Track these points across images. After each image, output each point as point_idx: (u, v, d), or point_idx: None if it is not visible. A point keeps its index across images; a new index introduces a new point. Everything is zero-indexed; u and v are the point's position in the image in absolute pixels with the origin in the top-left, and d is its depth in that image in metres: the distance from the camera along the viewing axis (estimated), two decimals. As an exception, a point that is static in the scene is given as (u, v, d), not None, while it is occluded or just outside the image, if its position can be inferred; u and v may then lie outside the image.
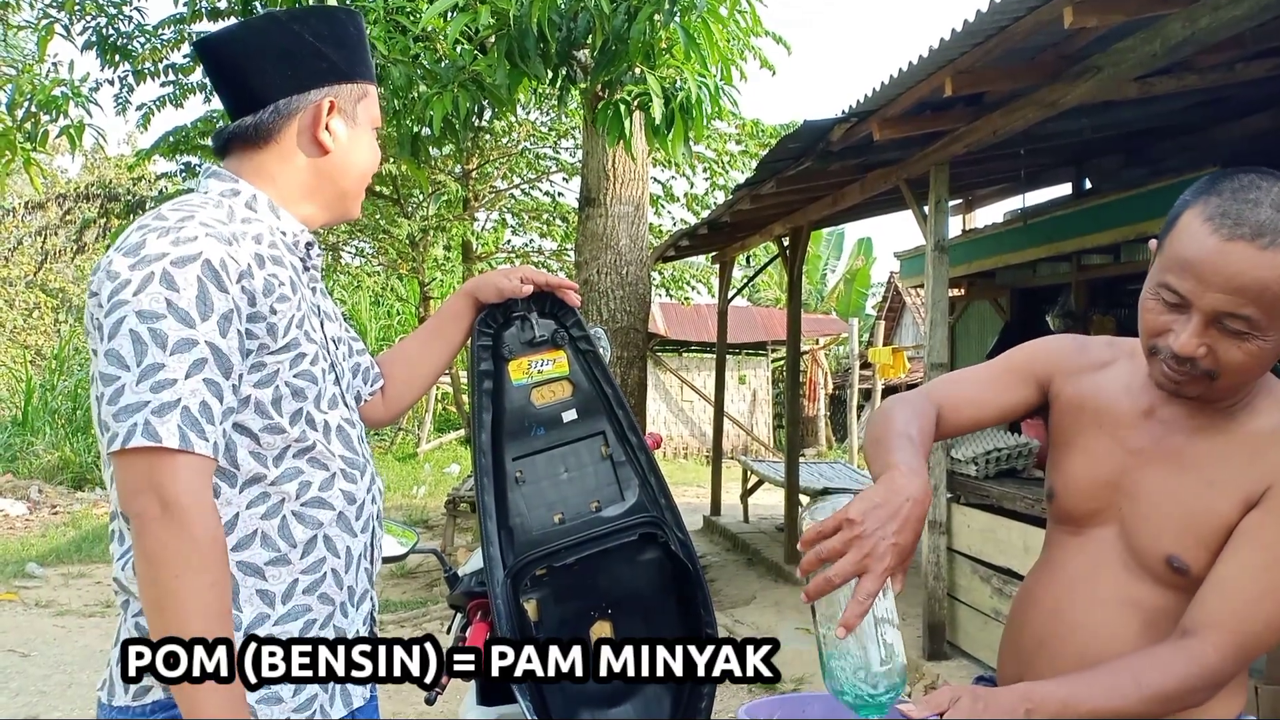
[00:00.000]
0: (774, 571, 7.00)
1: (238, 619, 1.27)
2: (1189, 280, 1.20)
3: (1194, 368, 1.23)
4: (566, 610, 1.64)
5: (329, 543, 1.35)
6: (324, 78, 1.39)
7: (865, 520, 1.12)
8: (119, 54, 6.70)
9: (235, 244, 1.25)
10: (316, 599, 1.34)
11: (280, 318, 1.29)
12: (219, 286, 1.21)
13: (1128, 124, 5.30)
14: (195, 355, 1.18)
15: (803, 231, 7.50)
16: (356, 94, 1.43)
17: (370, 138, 1.46)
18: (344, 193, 1.45)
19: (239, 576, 1.27)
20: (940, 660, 4.65)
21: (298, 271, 1.37)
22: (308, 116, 1.38)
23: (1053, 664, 1.34)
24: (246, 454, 1.28)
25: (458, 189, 10.15)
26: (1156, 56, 3.35)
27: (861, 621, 1.10)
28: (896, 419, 1.35)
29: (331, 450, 1.36)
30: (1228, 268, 1.17)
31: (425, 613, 6.17)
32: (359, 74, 1.43)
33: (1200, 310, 1.20)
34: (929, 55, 3.74)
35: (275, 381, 1.29)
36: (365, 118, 1.44)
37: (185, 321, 1.18)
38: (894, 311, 19.62)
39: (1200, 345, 1.21)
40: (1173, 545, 1.29)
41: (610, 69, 4.18)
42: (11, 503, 10.08)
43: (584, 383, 1.72)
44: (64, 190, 15.42)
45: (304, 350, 1.33)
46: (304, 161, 1.40)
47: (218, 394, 1.20)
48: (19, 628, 5.81)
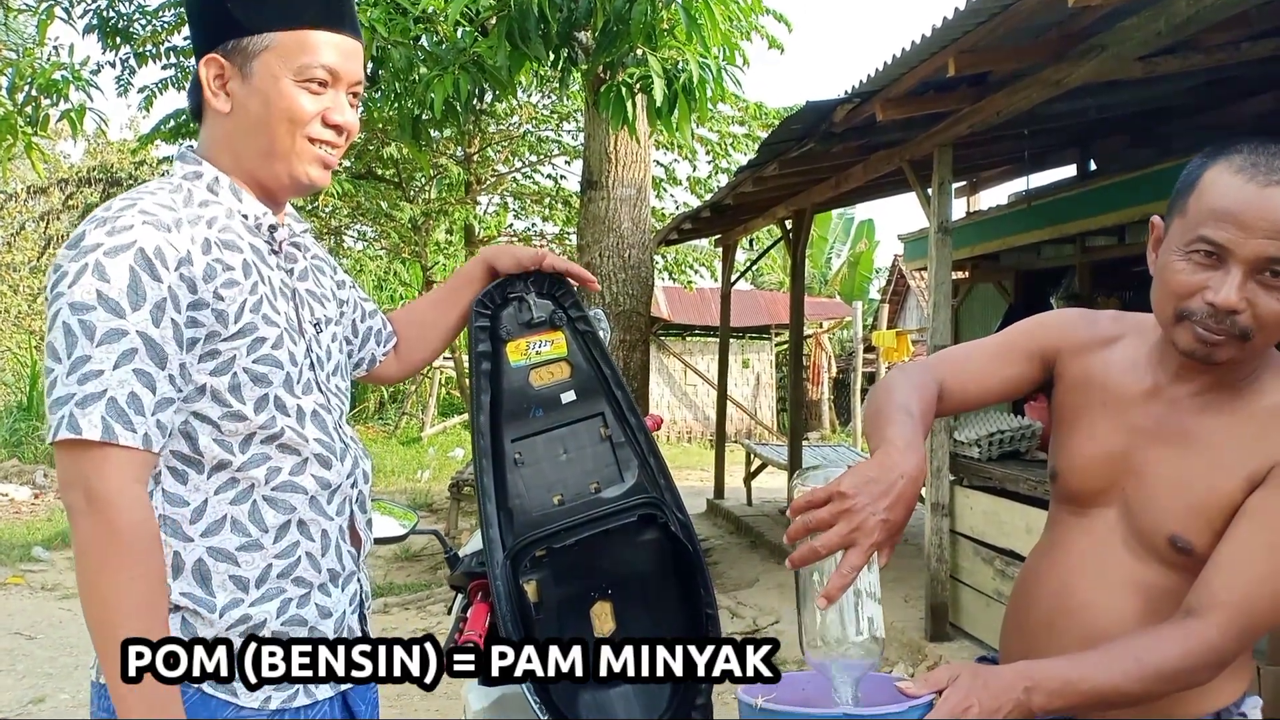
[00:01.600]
0: (777, 554, 7.01)
1: (211, 603, 1.27)
2: (1228, 229, 1.18)
3: (1233, 325, 1.20)
4: (566, 591, 1.63)
5: (303, 527, 1.34)
6: (218, 36, 1.31)
7: (857, 494, 1.11)
8: (120, 36, 6.68)
9: (174, 231, 1.23)
10: (291, 582, 1.33)
11: (229, 303, 1.26)
12: (152, 275, 1.19)
13: (1132, 104, 5.27)
14: (124, 346, 1.17)
15: (806, 214, 7.48)
16: (256, 46, 1.30)
17: (285, 89, 1.30)
18: (262, 155, 1.33)
19: (210, 562, 1.27)
20: (943, 641, 4.66)
21: (261, 254, 1.34)
22: (203, 81, 1.32)
23: (1058, 644, 1.33)
24: (210, 441, 1.27)
25: (459, 173, 10.11)
26: (1161, 35, 3.32)
27: (843, 594, 1.10)
28: (897, 392, 1.33)
29: (305, 435, 1.34)
30: (1272, 212, 1.16)
31: (429, 595, 6.19)
32: (264, 22, 1.30)
33: (1242, 260, 1.18)
34: (932, 34, 3.71)
35: (232, 368, 1.27)
36: (270, 69, 1.30)
37: (115, 311, 1.17)
38: (898, 294, 19.58)
39: (1242, 298, 1.19)
40: (1176, 525, 1.28)
41: (612, 50, 4.16)
42: (17, 487, 10.12)
43: (582, 364, 1.71)
44: (66, 175, 15.40)
45: (262, 335, 1.30)
46: (220, 130, 1.34)
47: (149, 384, 1.18)
48: (25, 611, 5.84)
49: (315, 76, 1.32)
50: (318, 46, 1.32)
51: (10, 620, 5.59)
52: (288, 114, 1.32)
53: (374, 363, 1.65)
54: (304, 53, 1.31)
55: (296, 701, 1.32)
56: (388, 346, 1.66)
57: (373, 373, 1.68)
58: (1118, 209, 5.49)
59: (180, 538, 1.27)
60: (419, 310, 1.74)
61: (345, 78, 1.36)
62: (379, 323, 1.65)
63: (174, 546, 1.26)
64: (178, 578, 1.26)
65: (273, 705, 1.30)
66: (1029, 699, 1.14)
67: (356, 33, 1.39)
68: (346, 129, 1.37)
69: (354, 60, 1.37)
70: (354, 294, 1.61)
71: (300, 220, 1.49)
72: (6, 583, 6.54)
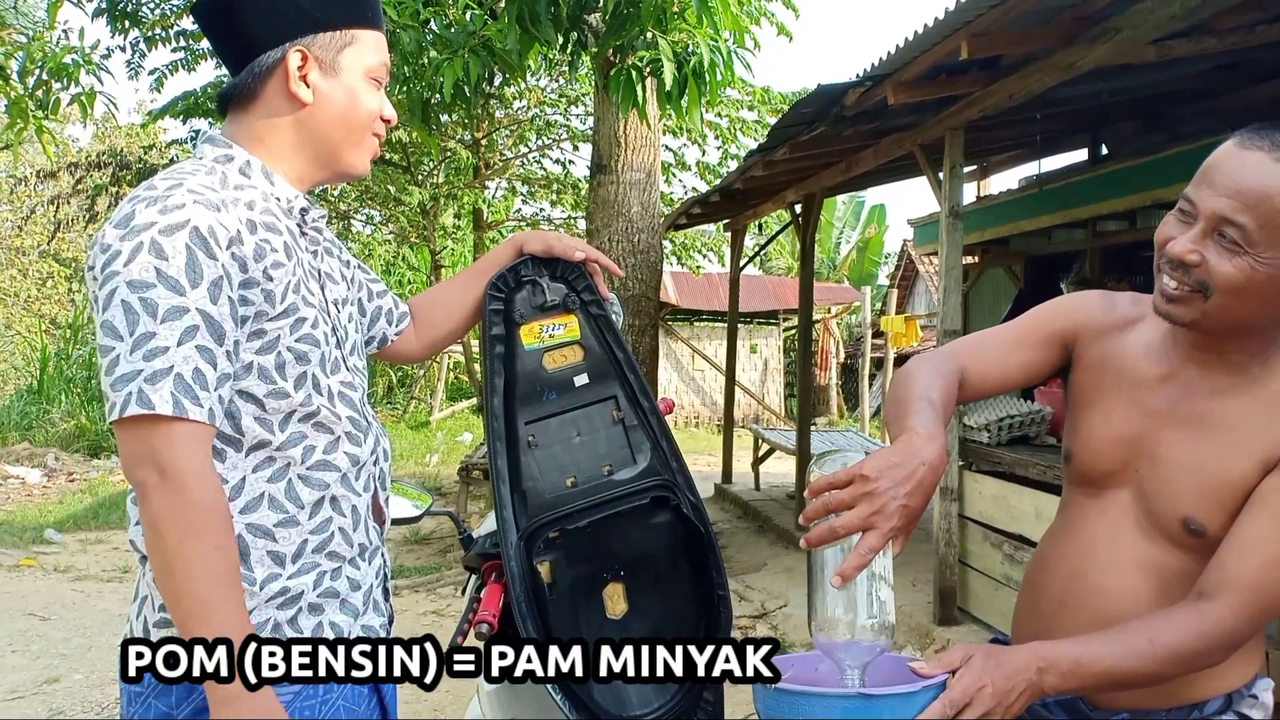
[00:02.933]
0: (785, 538, 7.02)
1: (250, 578, 1.28)
2: (1201, 186, 1.23)
3: (1187, 275, 1.23)
4: (579, 572, 1.64)
5: (335, 503, 1.36)
6: (297, 29, 1.35)
7: (879, 478, 1.12)
8: (128, 20, 6.68)
9: (224, 210, 1.25)
10: (325, 557, 1.35)
11: (276, 284, 1.28)
12: (207, 253, 1.20)
13: (1145, 88, 5.23)
14: (187, 323, 1.18)
15: (815, 198, 7.45)
16: (339, 42, 1.37)
17: (362, 84, 1.39)
18: (334, 146, 1.40)
19: (249, 539, 1.29)
20: (951, 625, 4.67)
21: (294, 236, 1.36)
22: (282, 72, 1.35)
23: (1071, 625, 1.35)
24: (251, 420, 1.28)
25: (468, 157, 10.10)
26: (1175, 18, 3.30)
27: (858, 575, 1.11)
28: (919, 381, 1.34)
29: (337, 414, 1.36)
30: (1236, 170, 1.19)
31: (439, 578, 6.22)
32: (342, 19, 1.37)
33: (1203, 216, 1.22)
34: (944, 17, 3.69)
35: (277, 348, 1.29)
36: (352, 65, 1.38)
37: (175, 289, 1.18)
38: (907, 279, 19.52)
39: (1194, 251, 1.22)
40: (1189, 507, 1.28)
41: (622, 33, 4.15)
42: (29, 470, 10.19)
43: (595, 347, 1.72)
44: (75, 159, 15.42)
45: (303, 315, 1.32)
46: (287, 119, 1.37)
47: (211, 360, 1.20)
48: (39, 592, 5.89)
49: (381, 75, 1.42)
50: (381, 45, 1.42)
51: (24, 602, 5.64)
52: (367, 110, 1.41)
53: (385, 341, 1.67)
54: (373, 51, 1.41)
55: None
56: (400, 326, 1.68)
57: (389, 351, 1.69)
58: (1129, 193, 5.47)
59: None
60: (444, 291, 1.77)
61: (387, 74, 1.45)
62: (389, 302, 1.66)
63: None
64: None
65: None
66: (1042, 679, 1.15)
67: None
68: (391, 122, 1.47)
69: None
70: (360, 274, 1.63)
71: (314, 204, 1.50)
72: (19, 565, 6.59)
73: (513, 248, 1.73)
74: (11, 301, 18.63)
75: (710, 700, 1.65)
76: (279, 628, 1.30)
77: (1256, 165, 1.18)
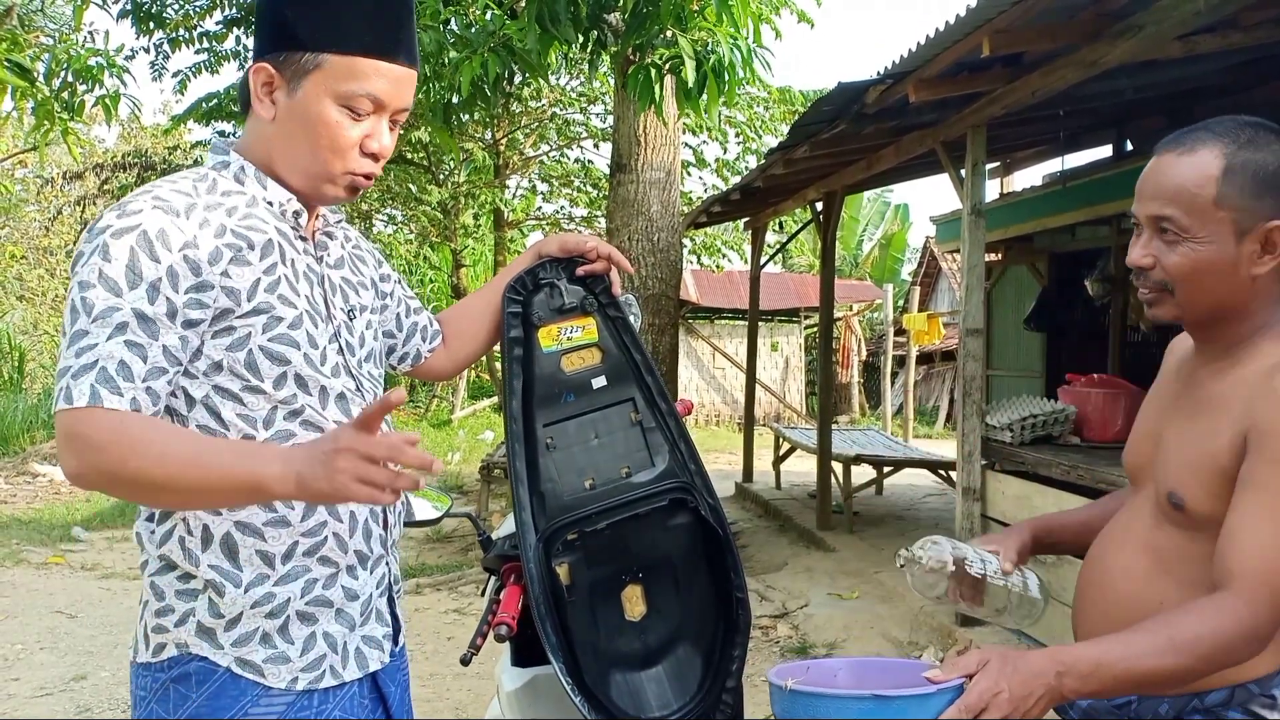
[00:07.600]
0: (805, 538, 7.01)
1: (237, 578, 1.30)
2: (1137, 202, 1.36)
3: (1147, 279, 1.35)
4: (598, 574, 1.64)
5: (330, 507, 1.36)
6: (273, 45, 1.33)
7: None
8: (153, 21, 6.74)
9: (184, 216, 1.26)
10: (317, 561, 1.36)
11: (239, 281, 1.29)
12: (150, 255, 1.22)
13: (1170, 84, 5.18)
14: (117, 320, 1.21)
15: (836, 196, 7.43)
16: (308, 64, 1.31)
17: (329, 110, 1.32)
18: (304, 167, 1.35)
19: (238, 536, 1.30)
20: (973, 626, 4.65)
21: (287, 238, 1.37)
22: (251, 86, 1.35)
23: (1089, 609, 1.42)
24: (233, 414, 1.30)
25: (485, 156, 10.13)
26: (1200, 13, 3.27)
27: None
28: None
29: (325, 415, 1.36)
30: (1156, 176, 1.33)
31: (461, 576, 6.25)
32: (319, 42, 1.30)
33: (1143, 222, 1.35)
34: (966, 14, 3.67)
35: (248, 345, 1.30)
36: (315, 89, 1.31)
37: (112, 290, 1.21)
38: (929, 277, 19.43)
39: (1146, 255, 1.34)
40: (1174, 482, 1.33)
41: (641, 32, 4.15)
42: (56, 469, 10.29)
43: (613, 349, 1.72)
44: (101, 160, 15.58)
45: (279, 314, 1.32)
46: (265, 130, 1.37)
47: (141, 354, 1.21)
48: (66, 590, 5.96)
49: (358, 105, 1.33)
50: (366, 74, 1.32)
51: (51, 599, 5.70)
52: (329, 141, 1.33)
53: (419, 358, 1.70)
54: (351, 79, 1.31)
55: (323, 683, 1.35)
56: (434, 343, 1.71)
57: (422, 368, 1.72)
58: (1154, 190, 5.40)
59: (210, 510, 1.30)
60: (470, 303, 1.78)
61: (390, 106, 1.36)
62: (425, 320, 1.70)
63: (203, 519, 1.30)
64: (207, 549, 1.30)
65: (300, 686, 1.33)
66: (1061, 683, 1.14)
67: (413, 60, 1.38)
68: (382, 154, 1.38)
69: (403, 88, 1.37)
70: (400, 290, 1.66)
71: (335, 211, 1.51)
72: (47, 562, 6.67)
73: (532, 254, 1.75)
74: (39, 301, 18.83)
75: (729, 703, 1.65)
76: (269, 637, 1.31)
77: (1169, 165, 1.32)
